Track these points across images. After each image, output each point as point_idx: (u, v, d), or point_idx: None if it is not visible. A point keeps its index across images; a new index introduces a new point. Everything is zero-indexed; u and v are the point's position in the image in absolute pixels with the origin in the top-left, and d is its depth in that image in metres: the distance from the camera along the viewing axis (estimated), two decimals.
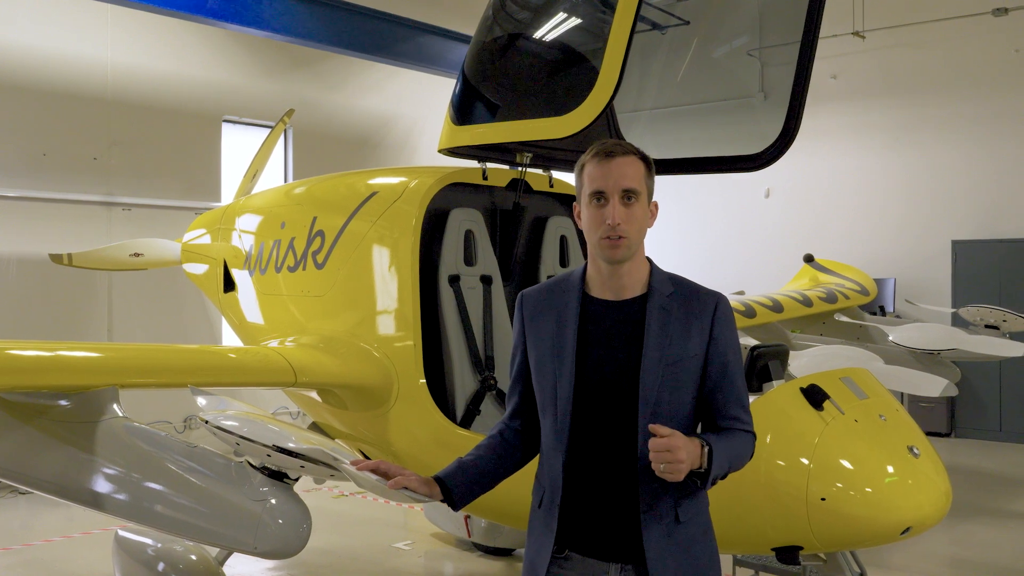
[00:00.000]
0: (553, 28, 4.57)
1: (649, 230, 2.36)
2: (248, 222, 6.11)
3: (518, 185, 4.99)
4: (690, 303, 2.34)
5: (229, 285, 6.15)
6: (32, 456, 3.85)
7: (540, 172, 5.15)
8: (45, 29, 8.94)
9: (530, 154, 4.74)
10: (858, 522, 3.34)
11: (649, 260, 2.41)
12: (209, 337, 9.89)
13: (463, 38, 10.92)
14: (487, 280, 4.84)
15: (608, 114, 4.08)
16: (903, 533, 3.38)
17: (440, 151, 4.71)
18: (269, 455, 3.19)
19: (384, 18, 10.43)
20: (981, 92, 11.51)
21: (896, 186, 12.10)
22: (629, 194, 2.29)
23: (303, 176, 9.16)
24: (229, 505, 3.34)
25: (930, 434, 10.32)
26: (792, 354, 4.94)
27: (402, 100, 12.17)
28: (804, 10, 3.95)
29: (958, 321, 9.61)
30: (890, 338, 7.70)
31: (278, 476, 3.34)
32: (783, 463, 3.40)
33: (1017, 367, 10.42)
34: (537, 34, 4.66)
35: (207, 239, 6.77)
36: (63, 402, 3.85)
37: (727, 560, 4.65)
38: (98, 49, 9.31)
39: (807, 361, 5.30)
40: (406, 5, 10.88)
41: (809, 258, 10.09)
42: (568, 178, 4.66)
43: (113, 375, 3.91)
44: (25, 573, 6.08)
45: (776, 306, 8.07)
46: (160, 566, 4.13)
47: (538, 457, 2.47)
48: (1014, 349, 7.44)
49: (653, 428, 2.14)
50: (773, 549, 3.54)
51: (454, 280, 4.70)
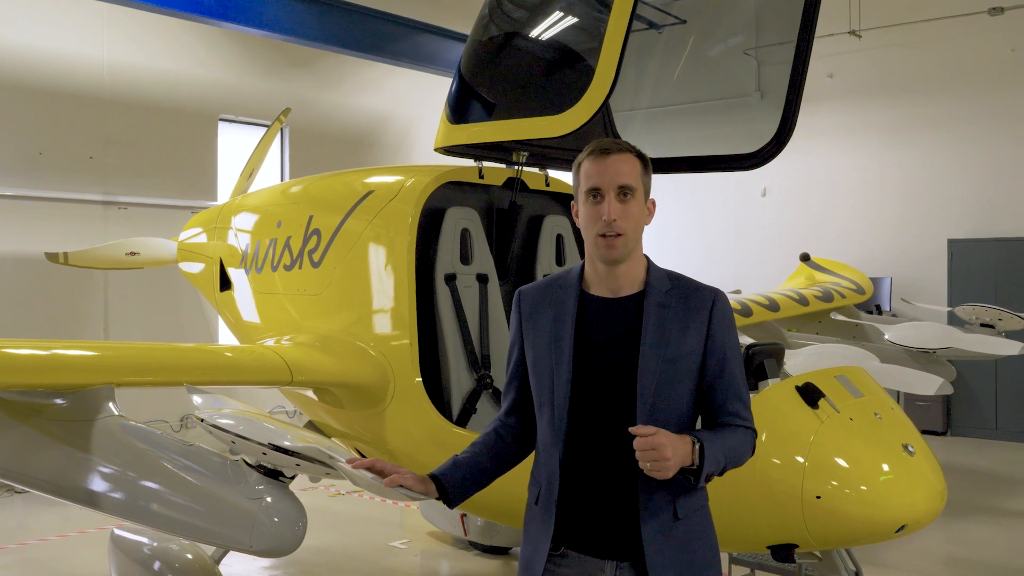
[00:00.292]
0: (549, 27, 4.57)
1: (646, 228, 2.37)
2: (244, 221, 6.10)
3: (514, 184, 4.99)
4: (688, 299, 2.34)
5: (225, 284, 6.14)
6: (28, 455, 3.84)
7: (536, 171, 5.14)
8: (42, 28, 8.92)
9: (526, 153, 4.74)
10: (853, 520, 3.34)
11: (646, 257, 2.41)
12: (205, 336, 9.88)
13: (460, 37, 10.92)
14: (483, 279, 4.84)
15: (604, 113, 4.09)
16: (898, 531, 3.39)
17: (436, 150, 4.70)
18: (265, 453, 3.18)
19: (381, 17, 10.42)
20: (977, 91, 11.52)
21: (892, 185, 12.10)
22: (625, 190, 2.29)
23: (299, 175, 9.16)
24: (225, 503, 3.33)
25: (926, 432, 10.34)
26: (788, 352, 4.96)
27: (398, 99, 12.17)
28: (800, 9, 3.96)
29: (954, 320, 9.62)
30: (886, 337, 7.71)
31: (274, 474, 3.33)
32: (778, 461, 3.41)
33: (1013, 366, 10.44)
34: (533, 33, 4.65)
35: (203, 238, 6.75)
36: (59, 401, 3.84)
37: (723, 559, 4.65)
38: (94, 48, 9.29)
39: (803, 359, 5.31)
40: (403, 4, 10.87)
41: (805, 257, 10.09)
42: (564, 177, 4.67)
43: (109, 374, 3.89)
44: (21, 572, 6.07)
45: (772, 305, 8.07)
46: (156, 565, 4.12)
47: (534, 454, 2.47)
48: (1009, 348, 7.46)
49: (634, 430, 2.14)
50: (769, 547, 3.55)
51: (450, 279, 4.69)
